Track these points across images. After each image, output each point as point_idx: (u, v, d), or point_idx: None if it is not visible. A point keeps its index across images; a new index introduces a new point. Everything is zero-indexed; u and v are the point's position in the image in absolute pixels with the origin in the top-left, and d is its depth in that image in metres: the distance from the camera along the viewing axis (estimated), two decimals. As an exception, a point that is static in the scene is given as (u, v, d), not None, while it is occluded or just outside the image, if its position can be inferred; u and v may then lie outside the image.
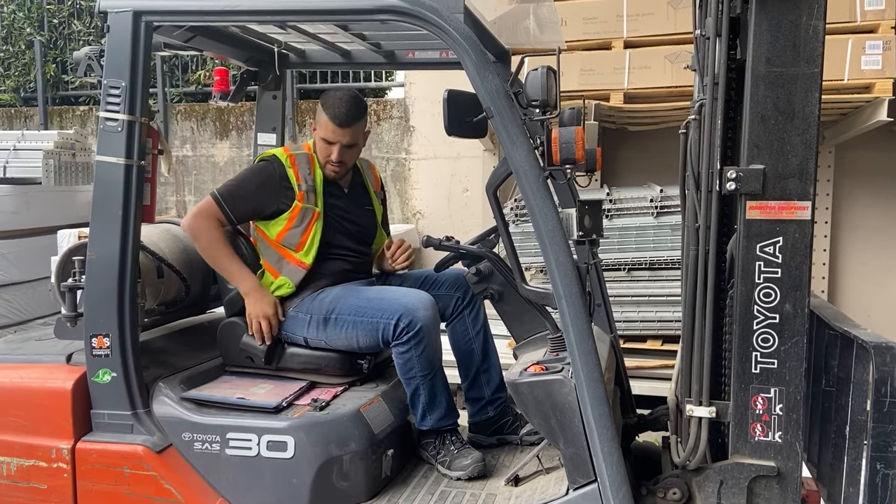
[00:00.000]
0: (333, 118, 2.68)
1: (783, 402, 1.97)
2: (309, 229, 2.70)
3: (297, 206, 2.68)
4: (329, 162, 2.73)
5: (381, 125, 6.60)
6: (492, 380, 2.87)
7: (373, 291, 2.70)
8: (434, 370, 2.59)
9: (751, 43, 1.92)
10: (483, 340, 2.87)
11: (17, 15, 7.83)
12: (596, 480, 2.04)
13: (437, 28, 2.11)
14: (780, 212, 1.93)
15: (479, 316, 2.87)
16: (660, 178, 4.75)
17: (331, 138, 2.70)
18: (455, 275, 2.86)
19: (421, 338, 2.51)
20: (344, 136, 2.70)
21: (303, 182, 2.69)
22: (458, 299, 2.83)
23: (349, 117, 2.69)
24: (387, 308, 2.55)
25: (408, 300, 2.57)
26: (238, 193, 2.69)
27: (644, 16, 4.44)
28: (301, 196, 2.68)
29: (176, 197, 7.15)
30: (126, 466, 2.38)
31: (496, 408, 2.86)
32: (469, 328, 2.85)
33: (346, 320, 2.61)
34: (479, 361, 2.86)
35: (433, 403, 2.61)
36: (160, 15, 2.38)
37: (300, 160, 2.74)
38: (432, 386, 2.59)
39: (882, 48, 4.09)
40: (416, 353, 2.53)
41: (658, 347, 4.42)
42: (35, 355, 2.62)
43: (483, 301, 2.88)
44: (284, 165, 2.70)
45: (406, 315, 2.51)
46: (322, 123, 2.72)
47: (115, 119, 2.35)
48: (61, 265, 2.58)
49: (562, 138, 2.03)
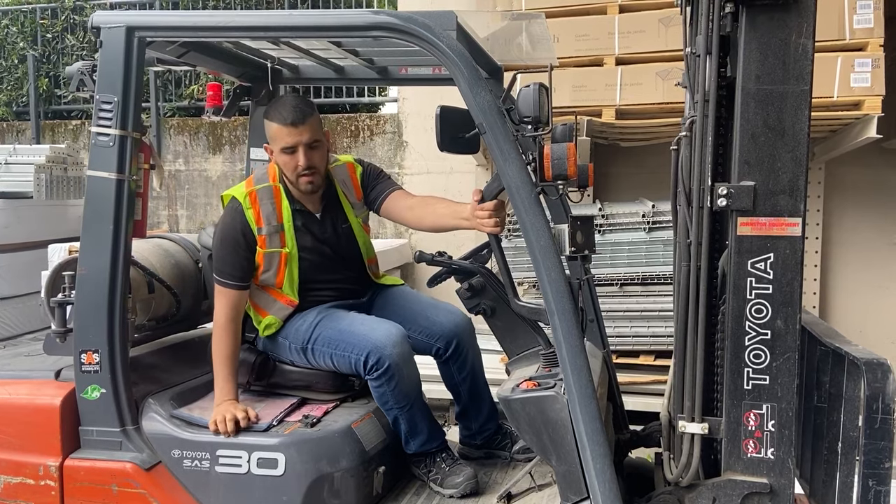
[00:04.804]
0: (283, 121, 2.50)
1: (775, 419, 1.97)
2: (281, 271, 2.60)
3: (260, 251, 2.56)
4: (299, 173, 2.53)
5: (374, 140, 6.62)
6: (481, 413, 2.83)
7: (346, 322, 2.56)
8: (410, 401, 2.54)
9: (741, 61, 1.93)
10: (470, 384, 2.78)
11: (10, 29, 7.84)
12: (588, 497, 2.03)
13: (430, 45, 2.12)
14: (771, 228, 1.94)
15: (465, 365, 2.75)
16: (651, 193, 4.77)
17: (289, 143, 2.51)
18: (440, 322, 2.70)
19: (391, 375, 2.45)
20: (302, 134, 2.50)
21: (264, 224, 2.55)
22: (440, 349, 2.71)
23: (299, 113, 2.50)
24: (356, 343, 2.48)
25: (376, 336, 2.47)
26: (226, 262, 2.56)
27: (635, 33, 4.47)
28: (262, 241, 2.55)
29: (168, 211, 7.14)
30: (115, 484, 2.35)
31: (484, 437, 2.85)
32: (454, 374, 2.77)
33: (323, 351, 2.56)
34: (465, 400, 2.82)
35: (414, 431, 2.58)
36: (153, 31, 2.38)
37: (262, 196, 2.58)
38: (411, 416, 2.56)
39: (871, 66, 4.12)
40: (388, 389, 2.48)
41: (651, 363, 4.42)
42: (24, 371, 2.60)
43: (473, 345, 2.79)
44: (244, 207, 2.56)
45: (374, 353, 2.44)
46: (274, 134, 2.53)
47: (106, 134, 2.35)
48: (51, 280, 2.57)
49: (554, 154, 2.04)
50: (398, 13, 2.19)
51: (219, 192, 6.99)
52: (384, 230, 6.51)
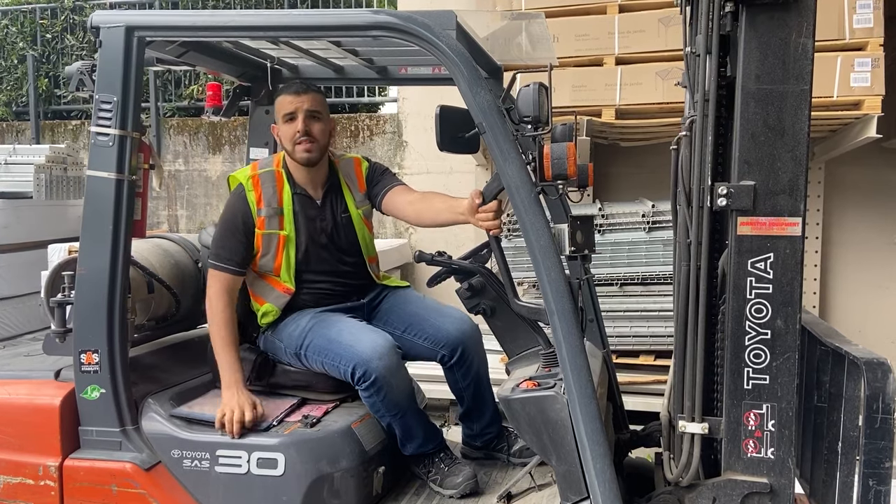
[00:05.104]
0: (289, 91, 2.62)
1: (775, 418, 1.96)
2: (279, 254, 2.61)
3: (258, 233, 2.58)
4: (296, 140, 2.58)
5: (374, 140, 6.61)
6: (483, 417, 2.82)
7: (335, 330, 2.55)
8: (402, 409, 2.52)
9: (741, 60, 1.93)
10: (474, 391, 2.78)
11: (9, 29, 7.83)
12: (588, 497, 2.03)
13: (430, 44, 2.11)
14: (771, 227, 1.94)
15: (469, 371, 2.74)
16: (651, 193, 4.77)
17: (290, 109, 2.59)
18: (447, 330, 2.69)
19: (379, 387, 2.44)
20: (304, 102, 2.59)
21: (264, 206, 2.58)
22: (445, 357, 2.70)
23: (304, 86, 2.64)
24: (343, 355, 2.47)
25: (361, 348, 2.45)
26: (224, 245, 2.58)
27: (635, 33, 4.47)
28: (261, 222, 2.58)
29: (168, 211, 7.13)
30: (114, 484, 2.35)
31: (484, 440, 2.85)
32: (458, 380, 2.76)
33: (314, 358, 2.56)
34: (469, 404, 2.81)
35: (409, 435, 2.58)
36: (152, 30, 2.38)
37: (264, 179, 2.62)
38: (404, 423, 2.55)
39: (871, 65, 4.12)
40: (378, 399, 2.47)
41: (651, 363, 4.42)
42: (23, 371, 2.60)
43: (479, 352, 2.77)
44: (246, 190, 2.60)
45: (360, 366, 2.43)
46: (279, 105, 2.64)
47: (106, 134, 2.35)
48: (51, 280, 2.56)
49: (554, 154, 2.04)
50: (398, 13, 2.19)
51: (219, 193, 7.00)
52: (384, 230, 6.51)
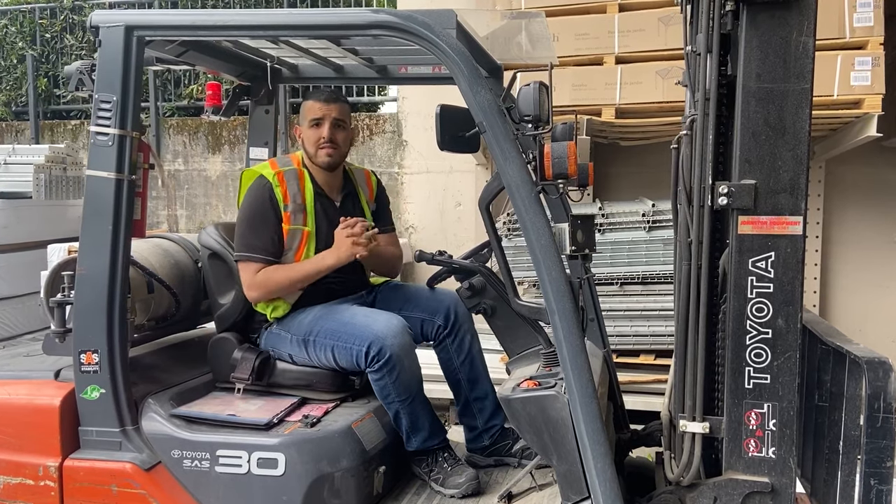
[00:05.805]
0: (318, 98, 2.73)
1: (776, 418, 1.96)
2: (301, 250, 2.67)
3: (285, 228, 2.64)
4: (320, 145, 2.69)
5: (373, 140, 6.61)
6: (484, 408, 2.81)
7: (348, 314, 2.62)
8: (412, 394, 2.55)
9: (741, 59, 1.93)
10: (469, 369, 2.80)
11: (8, 29, 7.83)
12: (589, 497, 2.03)
13: (430, 43, 2.11)
14: (772, 227, 1.94)
15: (463, 345, 2.79)
16: (652, 192, 4.77)
17: (318, 115, 2.71)
18: (439, 299, 2.79)
19: (392, 366, 2.47)
20: (332, 111, 2.71)
21: (290, 201, 2.65)
22: (440, 327, 2.77)
23: (333, 95, 2.76)
24: (357, 335, 2.51)
25: (378, 328, 2.51)
26: (257, 236, 2.63)
27: (635, 32, 4.46)
28: (287, 217, 2.64)
29: (167, 211, 7.12)
30: (114, 484, 2.35)
31: (491, 436, 2.81)
32: (453, 357, 2.79)
33: (324, 343, 2.58)
34: (466, 391, 2.81)
35: (415, 426, 2.58)
36: (152, 30, 2.38)
37: (288, 177, 2.70)
38: (412, 410, 2.56)
39: (871, 64, 4.12)
40: (389, 381, 2.49)
41: (651, 362, 4.41)
42: (23, 371, 2.60)
43: (471, 328, 2.81)
44: (273, 185, 2.65)
45: (375, 343, 2.47)
46: (307, 109, 2.74)
47: (105, 133, 2.34)
48: (51, 280, 2.56)
49: (554, 153, 2.03)
50: (398, 12, 2.19)
51: (218, 192, 6.99)
52: (384, 229, 6.50)
